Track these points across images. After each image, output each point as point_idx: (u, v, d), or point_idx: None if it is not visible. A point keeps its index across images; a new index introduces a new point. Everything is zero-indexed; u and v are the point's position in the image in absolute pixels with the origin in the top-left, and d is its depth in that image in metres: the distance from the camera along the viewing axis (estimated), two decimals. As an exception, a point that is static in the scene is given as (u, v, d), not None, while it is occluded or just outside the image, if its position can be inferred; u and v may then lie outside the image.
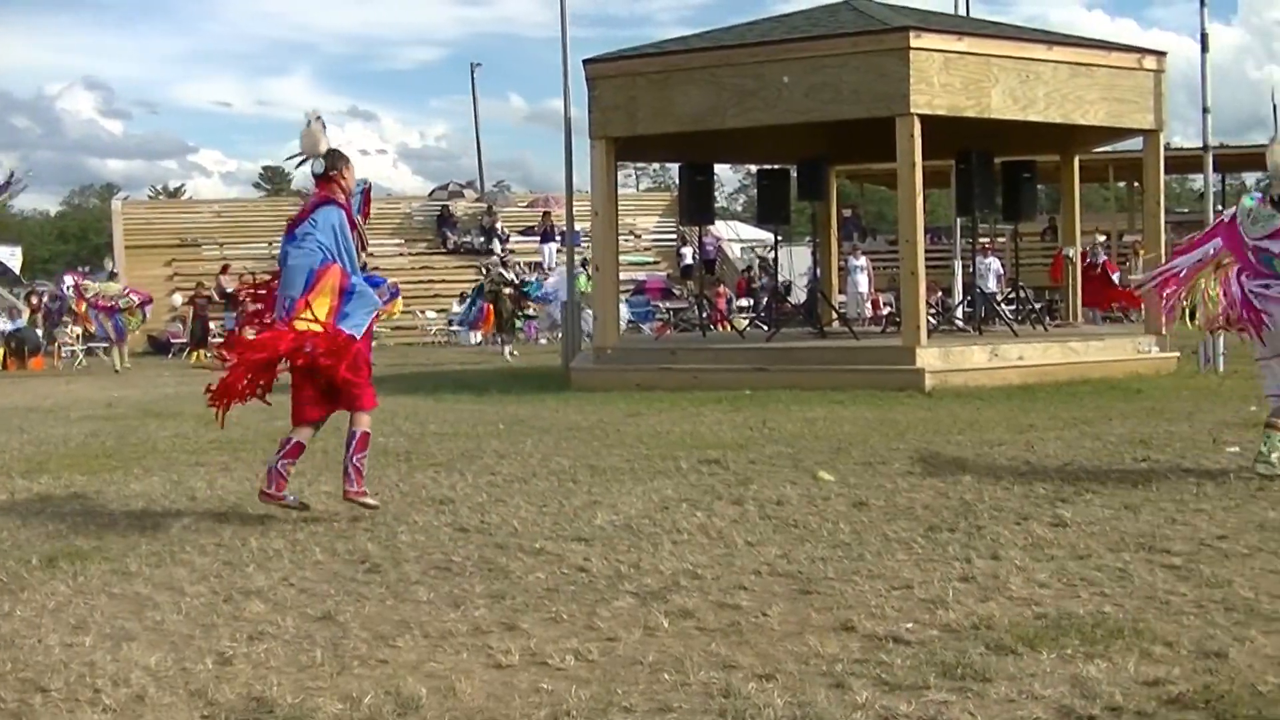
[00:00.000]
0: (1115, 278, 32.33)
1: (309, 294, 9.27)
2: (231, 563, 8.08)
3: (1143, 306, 22.43)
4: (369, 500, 9.53)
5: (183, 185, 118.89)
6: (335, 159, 9.72)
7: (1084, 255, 30.17)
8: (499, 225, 49.70)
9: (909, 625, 6.24)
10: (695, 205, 24.62)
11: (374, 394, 9.92)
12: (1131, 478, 10.28)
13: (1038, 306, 27.36)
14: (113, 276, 38.38)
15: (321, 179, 9.69)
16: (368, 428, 9.75)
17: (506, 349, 31.88)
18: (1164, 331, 19.37)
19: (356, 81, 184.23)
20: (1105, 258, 33.71)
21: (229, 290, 38.35)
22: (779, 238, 28.97)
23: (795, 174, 25.31)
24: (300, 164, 9.93)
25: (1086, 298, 30.21)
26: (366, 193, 10.23)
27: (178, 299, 41.50)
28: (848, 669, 5.59)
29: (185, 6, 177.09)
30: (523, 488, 10.62)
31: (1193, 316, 10.78)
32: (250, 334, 9.87)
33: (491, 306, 33.68)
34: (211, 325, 36.68)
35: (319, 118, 9.86)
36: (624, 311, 32.33)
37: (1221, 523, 8.51)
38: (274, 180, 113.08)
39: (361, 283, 9.56)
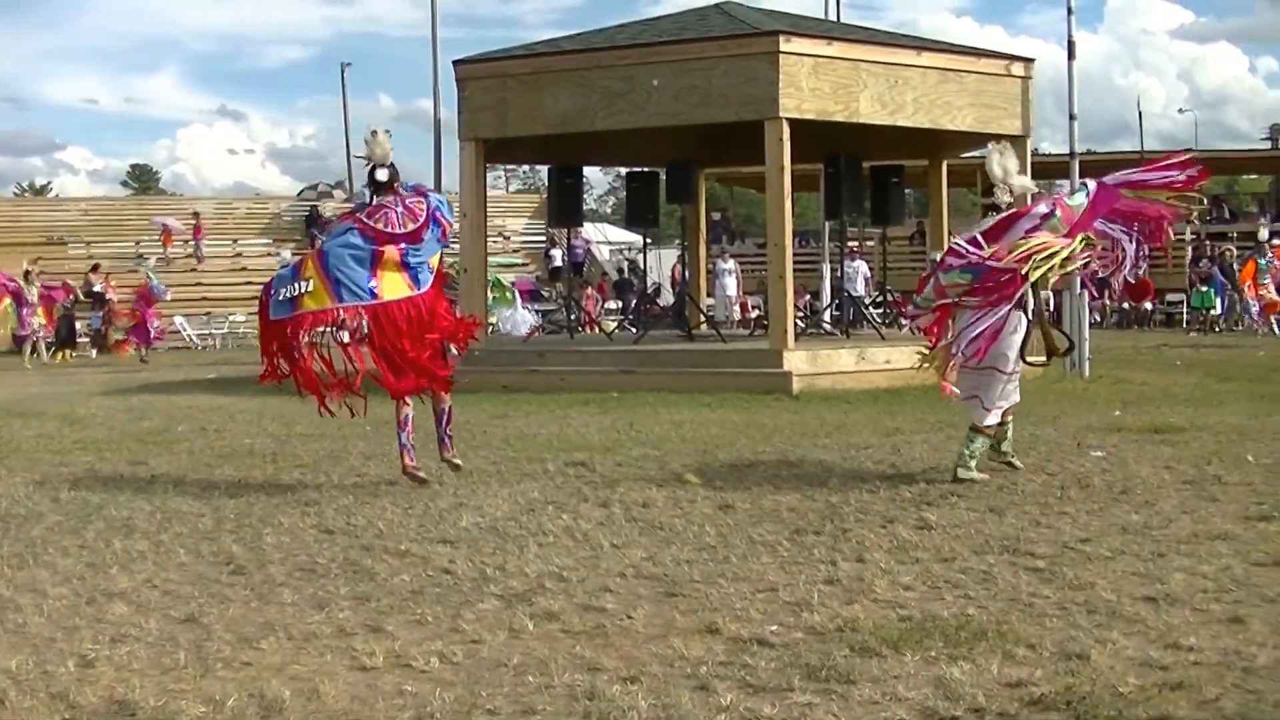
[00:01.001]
0: None
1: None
2: (95, 564, 7.97)
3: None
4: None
5: (49, 183, 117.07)
6: (396, 170, 10.84)
7: None
8: (368, 226, 49.30)
9: (774, 628, 6.25)
10: (564, 207, 24.61)
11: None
12: (996, 481, 10.35)
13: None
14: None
15: (386, 186, 10.71)
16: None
17: None
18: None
19: (225, 80, 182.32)
20: None
21: (95, 289, 37.82)
22: (648, 240, 29.00)
23: (664, 177, 25.34)
24: (370, 169, 10.89)
25: None
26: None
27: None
28: (712, 671, 5.60)
29: (52, 2, 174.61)
30: (389, 489, 10.55)
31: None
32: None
33: None
34: (78, 325, 36.25)
35: (387, 130, 10.94)
36: (530, 317, 32.11)
37: (1085, 526, 8.59)
38: (141, 179, 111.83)
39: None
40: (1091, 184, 10.63)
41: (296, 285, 10.32)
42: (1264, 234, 32.58)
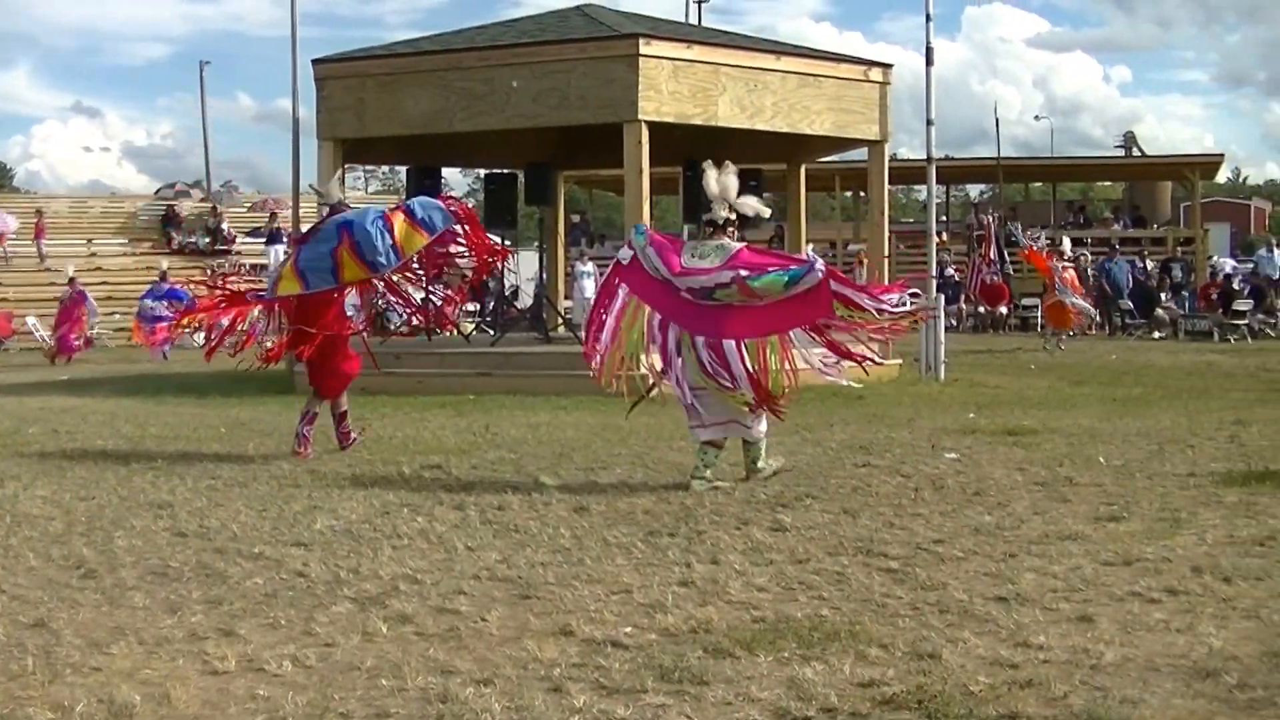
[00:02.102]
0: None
1: None
2: (-60, 569, 7.80)
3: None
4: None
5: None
6: (342, 203, 13.18)
7: None
8: (225, 226, 48.81)
9: (628, 629, 6.25)
10: (423, 209, 24.42)
11: None
12: (851, 483, 10.43)
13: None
14: None
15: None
16: None
17: None
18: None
19: (81, 76, 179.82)
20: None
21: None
22: (506, 242, 28.89)
23: (523, 179, 25.28)
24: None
25: None
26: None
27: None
28: (566, 673, 5.59)
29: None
30: (243, 492, 10.42)
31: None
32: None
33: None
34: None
35: (340, 180, 13.71)
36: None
37: (938, 527, 8.66)
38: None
39: None
40: (817, 274, 10.46)
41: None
42: (1066, 244, 33.05)
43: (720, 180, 10.65)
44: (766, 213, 10.97)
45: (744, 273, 10.24)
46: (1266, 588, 6.98)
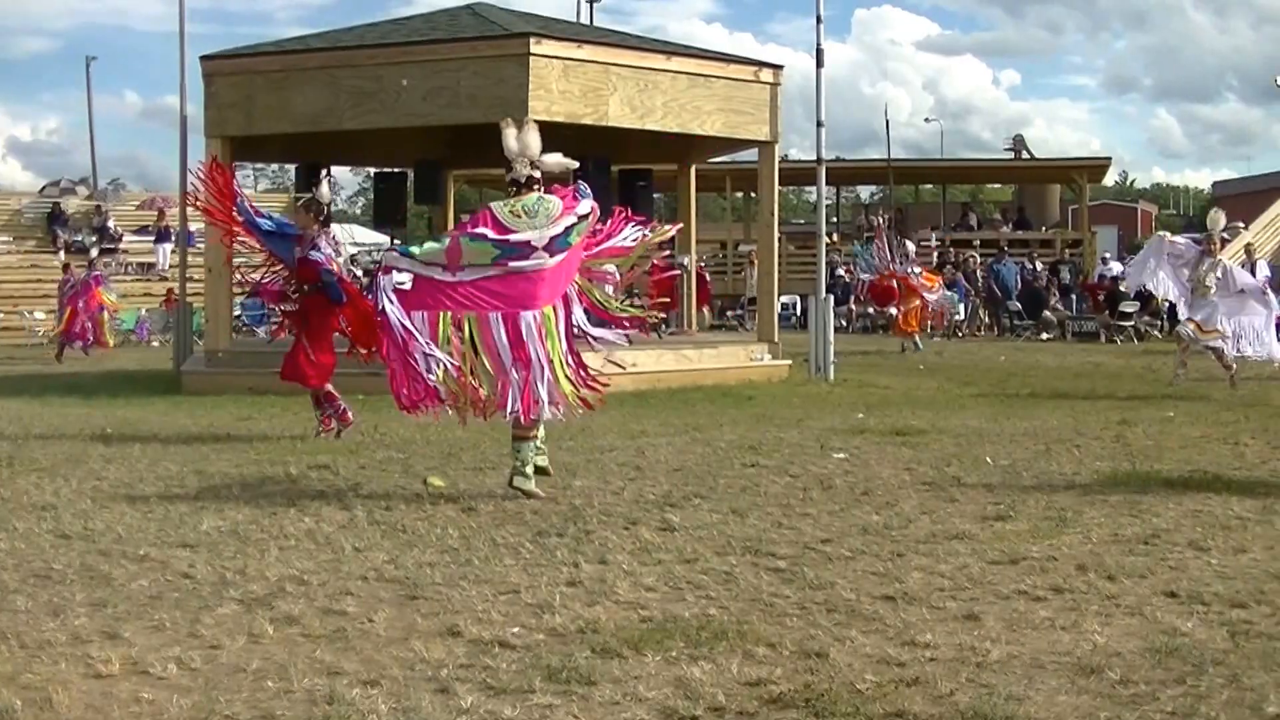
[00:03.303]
0: None
1: None
2: None
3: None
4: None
5: None
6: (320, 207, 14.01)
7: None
8: (112, 224, 48.27)
9: (515, 630, 6.23)
10: (313, 207, 24.29)
11: None
12: (740, 483, 10.45)
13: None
14: None
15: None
16: None
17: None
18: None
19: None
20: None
21: None
22: (395, 241, 28.75)
23: (412, 177, 25.18)
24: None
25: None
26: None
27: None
28: (453, 674, 5.56)
29: None
30: (128, 493, 10.27)
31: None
32: None
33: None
34: None
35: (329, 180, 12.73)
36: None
37: (826, 526, 8.69)
38: None
39: None
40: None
41: None
42: (910, 247, 33.41)
43: (520, 138, 10.40)
44: (573, 165, 10.78)
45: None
46: (1149, 585, 7.07)
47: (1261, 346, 18.81)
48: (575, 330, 10.29)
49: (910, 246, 33.07)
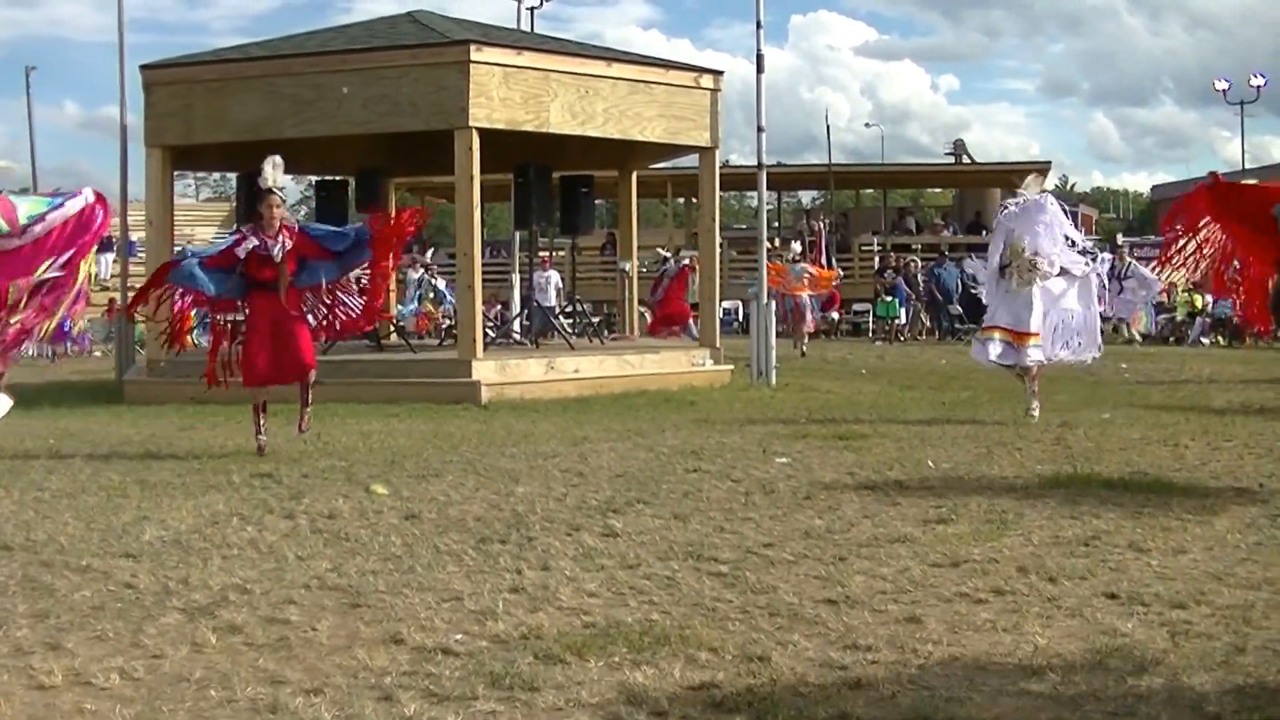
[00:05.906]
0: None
1: None
2: None
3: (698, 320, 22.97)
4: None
5: None
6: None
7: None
8: (49, 234, 47.93)
9: (458, 637, 6.22)
10: (254, 216, 24.19)
11: None
12: (682, 488, 10.45)
13: (595, 320, 27.67)
14: None
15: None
16: None
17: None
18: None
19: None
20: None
21: None
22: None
23: (354, 185, 25.11)
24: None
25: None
26: None
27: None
28: (396, 681, 5.56)
29: None
30: (71, 503, 10.20)
31: None
32: None
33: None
34: None
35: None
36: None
37: (768, 531, 8.71)
38: None
39: None
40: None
41: None
42: (795, 248, 33.55)
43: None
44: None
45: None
46: (1090, 586, 7.12)
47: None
48: None
49: (795, 247, 33.25)
